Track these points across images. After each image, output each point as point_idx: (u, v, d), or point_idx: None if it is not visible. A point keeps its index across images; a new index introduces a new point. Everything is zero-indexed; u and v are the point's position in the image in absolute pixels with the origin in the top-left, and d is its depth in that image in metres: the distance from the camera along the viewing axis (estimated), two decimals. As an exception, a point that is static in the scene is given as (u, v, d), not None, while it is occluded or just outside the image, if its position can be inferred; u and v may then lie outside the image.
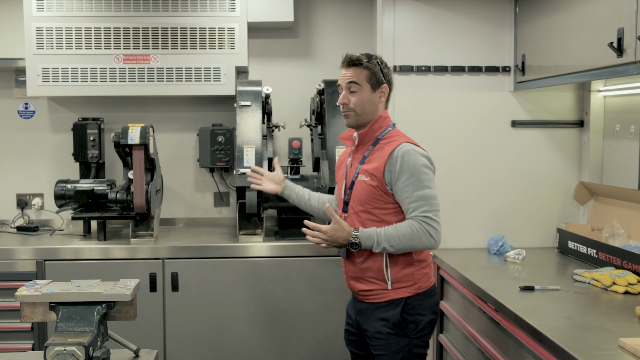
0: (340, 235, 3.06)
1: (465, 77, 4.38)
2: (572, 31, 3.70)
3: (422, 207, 3.02)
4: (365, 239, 3.05)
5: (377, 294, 3.18)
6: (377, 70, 3.19)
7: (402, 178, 3.05)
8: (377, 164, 3.12)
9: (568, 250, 4.16)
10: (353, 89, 3.18)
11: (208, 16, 4.70)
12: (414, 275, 3.16)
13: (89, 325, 2.41)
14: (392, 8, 4.34)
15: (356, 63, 3.18)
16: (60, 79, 4.67)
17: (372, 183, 3.12)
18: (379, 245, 3.03)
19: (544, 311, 3.04)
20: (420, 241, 3.02)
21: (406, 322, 3.13)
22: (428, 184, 3.07)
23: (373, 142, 3.22)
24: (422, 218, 3.01)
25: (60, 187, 4.62)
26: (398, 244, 3.02)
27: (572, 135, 4.45)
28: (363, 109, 3.19)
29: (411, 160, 3.07)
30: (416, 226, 3.01)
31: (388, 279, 3.14)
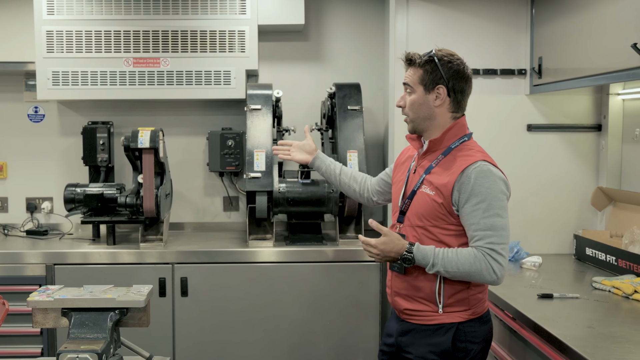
0: (392, 250, 2.78)
1: (480, 80, 4.33)
2: (590, 33, 3.64)
3: (490, 238, 2.71)
4: (420, 257, 2.75)
5: (425, 316, 2.88)
6: (432, 69, 2.85)
7: (472, 201, 2.73)
8: (446, 179, 2.79)
9: (585, 257, 4.09)
10: (408, 91, 2.91)
11: (218, 19, 4.66)
12: (469, 300, 2.86)
13: (102, 332, 2.37)
14: (405, 10, 4.29)
15: (411, 62, 2.90)
16: (70, 83, 4.64)
17: (436, 199, 2.81)
18: (433, 267, 2.73)
19: (564, 320, 2.97)
20: (480, 275, 2.71)
21: (456, 349, 2.83)
22: (500, 212, 2.76)
23: (444, 152, 2.89)
24: (488, 251, 2.70)
25: (69, 191, 4.58)
26: (455, 271, 2.71)
27: (590, 140, 4.39)
28: (416, 113, 2.89)
29: (486, 183, 2.75)
30: (479, 257, 2.70)
31: (440, 302, 2.83)
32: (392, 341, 3.03)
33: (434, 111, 2.88)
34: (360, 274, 4.34)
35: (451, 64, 2.88)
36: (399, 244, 2.78)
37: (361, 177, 3.45)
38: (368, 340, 4.40)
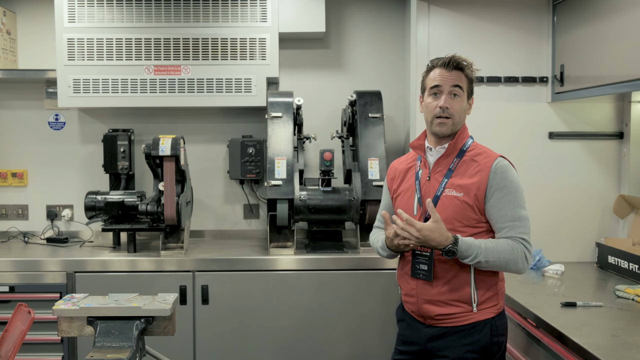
0: (436, 239, 2.75)
1: (501, 88, 4.31)
2: (612, 40, 3.62)
3: (519, 228, 2.85)
4: (464, 249, 2.76)
5: (459, 317, 2.91)
6: (474, 79, 2.99)
7: (498, 194, 2.84)
8: (476, 179, 2.86)
9: (608, 265, 4.07)
10: (456, 93, 2.91)
11: (239, 27, 4.67)
12: (498, 295, 2.96)
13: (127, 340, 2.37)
14: (426, 18, 4.28)
15: (461, 67, 2.92)
16: (91, 90, 4.65)
17: (466, 200, 2.86)
18: (475, 257, 2.76)
19: (588, 328, 2.95)
20: (515, 263, 2.81)
21: (493, 344, 2.91)
22: (523, 205, 2.90)
23: (458, 154, 2.97)
24: (521, 240, 2.83)
25: (90, 198, 4.60)
26: (495, 260, 2.77)
27: (612, 147, 4.36)
28: (460, 117, 2.94)
29: (509, 177, 2.88)
30: (516, 246, 2.81)
31: (474, 302, 2.89)
32: (418, 348, 3.03)
33: (465, 118, 3.00)
34: (381, 282, 4.33)
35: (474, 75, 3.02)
36: (445, 234, 2.76)
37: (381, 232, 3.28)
38: (389, 349, 4.36)
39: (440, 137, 2.97)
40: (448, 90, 2.89)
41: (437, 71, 2.93)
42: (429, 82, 2.96)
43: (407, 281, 3.02)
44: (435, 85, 2.91)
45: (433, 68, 2.97)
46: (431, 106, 2.93)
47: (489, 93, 4.32)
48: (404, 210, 2.94)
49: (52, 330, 4.26)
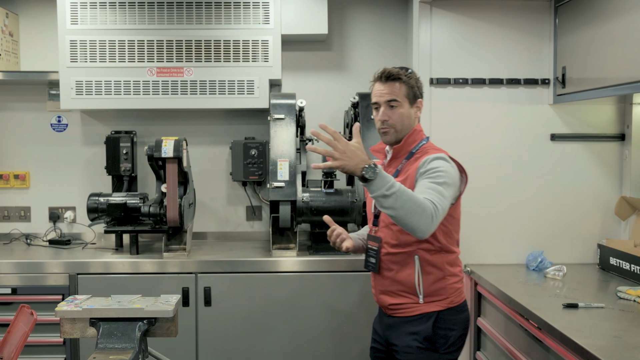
0: (359, 156, 2.69)
1: (503, 90, 4.32)
2: (614, 42, 3.63)
3: (432, 194, 2.80)
4: (383, 174, 2.69)
5: (407, 308, 3.13)
6: (414, 84, 3.15)
7: (423, 176, 2.93)
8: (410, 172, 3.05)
9: (609, 266, 4.07)
10: (393, 105, 3.11)
11: (242, 29, 4.67)
12: (446, 289, 3.11)
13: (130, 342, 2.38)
14: (428, 20, 4.28)
15: (395, 78, 3.11)
16: (94, 92, 4.66)
17: None
18: (391, 187, 2.66)
19: (590, 330, 2.95)
20: (423, 216, 2.69)
21: (437, 336, 3.08)
22: (446, 188, 2.88)
23: (407, 156, 3.16)
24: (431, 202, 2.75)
25: (92, 200, 4.60)
26: (407, 201, 2.67)
27: (613, 149, 4.36)
28: (402, 125, 3.14)
29: (436, 164, 2.97)
30: (427, 202, 2.73)
31: (420, 293, 3.08)
32: (380, 337, 3.32)
33: (413, 123, 3.20)
34: (383, 283, 4.33)
35: (421, 82, 3.23)
36: (366, 156, 2.72)
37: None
38: (391, 350, 4.39)
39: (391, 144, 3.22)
40: (385, 103, 3.11)
41: (375, 86, 3.18)
42: (372, 97, 3.20)
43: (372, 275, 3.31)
44: (373, 102, 3.18)
45: (374, 83, 3.20)
46: (375, 119, 3.20)
47: (491, 95, 4.33)
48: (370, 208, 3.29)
49: (54, 332, 4.28)
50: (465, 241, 4.31)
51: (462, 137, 4.32)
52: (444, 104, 4.31)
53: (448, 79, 4.30)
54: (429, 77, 4.29)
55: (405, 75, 3.12)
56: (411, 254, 3.08)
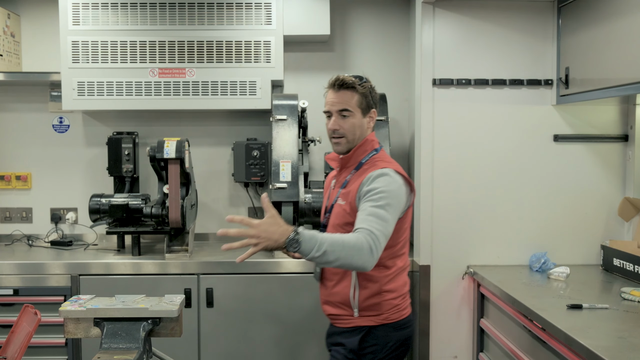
0: (276, 231, 2.60)
1: (506, 91, 4.31)
2: (617, 43, 3.62)
3: (372, 223, 2.78)
4: (307, 238, 2.62)
5: (343, 319, 3.15)
6: (367, 93, 3.11)
7: (366, 196, 2.89)
8: (354, 186, 3.02)
9: (613, 267, 4.06)
10: (345, 114, 3.07)
11: (244, 29, 4.67)
12: (382, 305, 3.08)
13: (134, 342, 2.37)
14: (431, 21, 4.28)
15: (348, 87, 3.07)
16: (96, 93, 4.65)
17: (346, 208, 3.04)
18: (320, 248, 2.62)
19: (594, 330, 2.94)
20: (361, 256, 2.68)
21: (364, 351, 3.09)
22: (387, 208, 2.85)
23: (356, 167, 3.13)
24: (367, 232, 2.74)
25: (94, 201, 4.60)
26: (340, 251, 2.64)
27: (617, 150, 4.35)
28: (354, 135, 3.10)
29: (381, 182, 2.92)
30: (360, 237, 2.71)
31: (355, 306, 3.09)
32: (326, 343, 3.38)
33: (366, 133, 3.15)
34: (385, 284, 4.32)
35: (376, 92, 3.20)
36: (284, 226, 2.63)
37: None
38: (394, 352, 4.38)
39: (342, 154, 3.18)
40: (336, 113, 3.08)
41: (328, 94, 3.14)
42: (325, 104, 3.16)
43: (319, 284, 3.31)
44: (325, 110, 3.14)
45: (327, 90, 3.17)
46: (327, 127, 3.14)
47: (493, 96, 4.31)
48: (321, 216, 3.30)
49: (56, 333, 4.28)
50: (468, 242, 4.32)
51: (465, 138, 4.31)
52: (446, 105, 4.30)
53: (451, 80, 4.29)
54: (432, 77, 4.28)
55: (359, 84, 3.08)
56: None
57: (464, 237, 4.33)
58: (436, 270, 4.31)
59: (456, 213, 4.32)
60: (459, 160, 4.30)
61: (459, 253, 4.33)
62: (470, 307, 4.34)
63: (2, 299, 4.30)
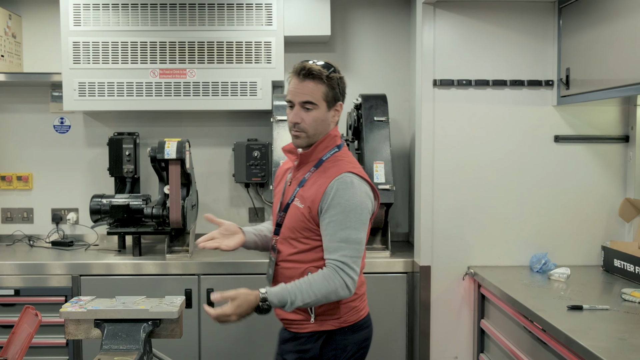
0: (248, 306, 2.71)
1: (507, 92, 4.30)
2: (618, 44, 3.61)
3: (343, 251, 2.72)
4: (276, 300, 2.71)
5: (299, 324, 2.94)
6: (335, 85, 2.83)
7: (331, 212, 2.75)
8: (315, 193, 2.81)
9: (614, 268, 4.06)
10: (308, 107, 2.79)
11: (245, 30, 4.67)
12: (340, 309, 2.90)
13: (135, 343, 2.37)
14: (432, 21, 4.27)
15: (314, 76, 2.78)
16: (97, 94, 4.66)
17: (305, 213, 2.84)
18: (292, 304, 2.69)
19: (595, 332, 2.93)
20: (336, 293, 2.71)
21: (325, 357, 2.91)
22: (356, 225, 2.76)
23: (316, 164, 2.90)
24: (340, 264, 2.72)
25: (95, 202, 4.60)
26: (313, 300, 2.70)
27: (617, 151, 4.34)
28: (316, 129, 2.84)
29: (346, 195, 2.75)
30: (331, 277, 2.71)
31: (311, 311, 2.88)
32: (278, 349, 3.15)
33: (329, 127, 2.91)
34: (386, 285, 4.33)
35: (343, 79, 2.91)
36: (249, 298, 2.71)
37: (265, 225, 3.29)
38: (395, 352, 4.38)
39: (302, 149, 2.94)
40: (299, 105, 2.81)
41: (292, 81, 2.86)
42: (287, 93, 2.89)
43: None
44: (288, 99, 2.87)
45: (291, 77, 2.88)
46: (288, 118, 2.88)
47: (494, 96, 4.31)
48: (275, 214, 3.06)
49: (57, 333, 4.28)
50: (469, 243, 4.31)
51: (465, 139, 4.30)
52: (447, 106, 4.29)
53: (451, 81, 4.28)
54: (433, 78, 4.27)
55: (326, 74, 2.79)
56: (304, 271, 2.87)
57: (464, 238, 4.32)
58: (436, 271, 4.30)
59: (457, 214, 4.31)
60: (459, 160, 4.29)
61: (460, 254, 4.32)
62: (470, 308, 4.34)
63: (3, 299, 4.31)
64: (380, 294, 4.33)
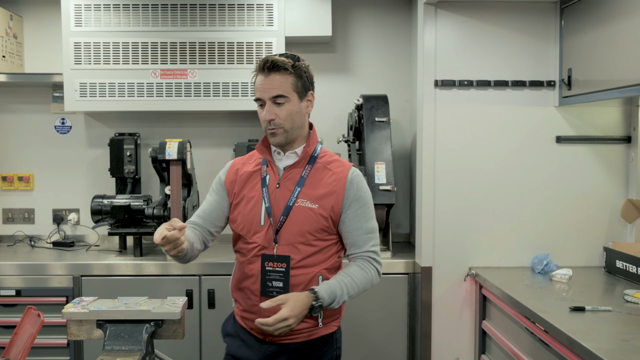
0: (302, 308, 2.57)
1: (508, 92, 4.30)
2: (621, 44, 3.61)
3: (372, 241, 2.81)
4: (327, 297, 2.63)
5: (304, 333, 2.79)
6: (303, 74, 2.74)
7: (355, 206, 2.76)
8: (332, 189, 2.75)
9: (616, 269, 4.05)
10: (280, 101, 2.69)
11: (245, 31, 4.67)
12: (340, 308, 2.90)
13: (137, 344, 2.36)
14: (433, 22, 4.27)
15: (280, 68, 2.68)
16: (98, 94, 4.65)
17: (322, 212, 2.73)
18: (340, 301, 2.67)
19: (597, 333, 2.92)
20: (371, 283, 2.81)
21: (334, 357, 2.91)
22: (374, 215, 2.84)
23: (309, 161, 2.81)
24: (372, 254, 2.80)
25: (96, 202, 4.60)
26: (356, 292, 2.73)
27: (619, 151, 4.34)
28: (293, 123, 2.74)
29: (363, 187, 2.81)
30: (367, 267, 2.78)
31: (320, 316, 2.77)
32: None
33: (305, 119, 2.82)
34: (387, 286, 4.32)
35: (309, 68, 2.83)
36: (301, 297, 2.59)
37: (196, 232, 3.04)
38: (396, 353, 4.38)
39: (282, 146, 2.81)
40: (269, 100, 2.70)
41: (257, 79, 2.75)
42: (255, 91, 2.77)
43: (249, 297, 2.85)
44: (257, 98, 2.75)
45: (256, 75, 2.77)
46: (261, 117, 2.76)
47: (496, 97, 4.30)
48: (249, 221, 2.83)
49: (58, 334, 4.28)
50: (470, 244, 4.31)
51: (466, 139, 4.30)
52: (448, 106, 4.29)
53: (453, 81, 4.28)
54: (434, 79, 4.27)
55: (292, 64, 2.70)
56: (315, 275, 2.77)
57: (465, 239, 4.32)
58: (438, 271, 4.30)
59: (458, 214, 4.31)
60: (460, 161, 4.29)
61: (461, 255, 4.32)
62: (472, 309, 4.33)
63: (5, 300, 4.30)
64: (381, 295, 4.32)
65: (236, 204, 2.92)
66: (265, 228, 2.77)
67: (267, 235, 2.77)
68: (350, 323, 4.30)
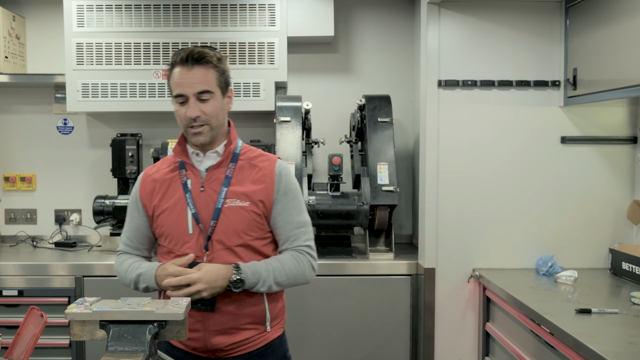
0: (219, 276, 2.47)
1: (512, 92, 4.28)
2: (627, 43, 3.59)
3: (305, 235, 2.68)
4: (250, 274, 2.52)
5: (253, 341, 2.69)
6: (225, 68, 2.66)
7: (284, 200, 2.65)
8: (261, 185, 2.63)
9: (622, 271, 4.03)
10: (205, 97, 2.56)
11: (248, 31, 4.65)
12: (283, 308, 2.85)
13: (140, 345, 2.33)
14: (437, 21, 4.25)
15: (205, 61, 2.57)
16: (100, 95, 4.64)
17: (254, 209, 2.61)
18: (265, 283, 2.55)
19: (604, 335, 2.89)
20: (304, 276, 2.66)
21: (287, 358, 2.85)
22: (305, 208, 2.73)
23: (232, 159, 2.68)
24: (306, 249, 2.67)
25: (98, 203, 4.58)
26: (284, 280, 2.60)
27: (625, 152, 4.31)
28: (218, 120, 2.62)
29: (292, 180, 2.70)
30: (301, 259, 2.65)
31: (268, 320, 2.69)
32: None
33: (226, 116, 2.73)
34: (390, 288, 4.31)
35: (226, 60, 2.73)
36: (220, 268, 2.49)
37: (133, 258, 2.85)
38: (399, 355, 4.36)
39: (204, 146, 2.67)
40: (194, 96, 2.56)
41: (177, 73, 2.59)
42: (172, 86, 2.62)
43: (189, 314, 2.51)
44: (178, 94, 2.59)
45: (174, 66, 2.61)
46: (181, 114, 2.62)
47: (500, 97, 4.28)
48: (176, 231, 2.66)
49: (60, 334, 4.26)
50: (474, 245, 4.29)
51: (471, 140, 4.28)
52: (452, 106, 4.27)
53: (456, 81, 4.26)
54: (437, 79, 4.25)
55: (217, 57, 2.62)
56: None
57: (469, 240, 4.30)
58: (441, 273, 4.28)
59: (461, 215, 4.29)
60: (464, 162, 4.27)
61: (465, 256, 4.30)
62: (475, 311, 4.31)
63: (7, 300, 4.30)
64: (384, 296, 4.31)
65: (157, 215, 2.72)
66: (195, 236, 2.63)
67: (197, 243, 2.62)
68: (353, 324, 4.29)
